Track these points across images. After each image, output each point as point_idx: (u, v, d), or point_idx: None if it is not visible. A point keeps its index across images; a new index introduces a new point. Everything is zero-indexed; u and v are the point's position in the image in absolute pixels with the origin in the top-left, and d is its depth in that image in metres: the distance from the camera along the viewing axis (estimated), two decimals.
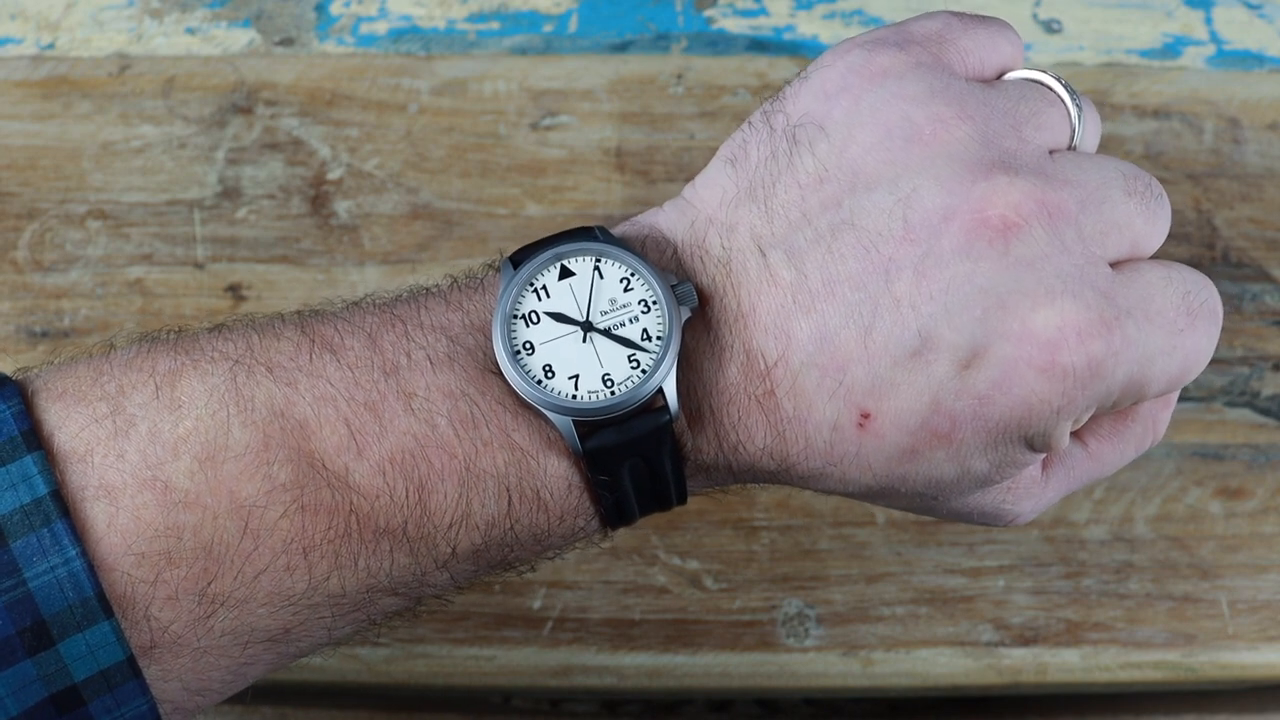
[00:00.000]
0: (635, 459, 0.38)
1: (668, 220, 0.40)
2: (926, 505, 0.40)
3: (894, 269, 0.37)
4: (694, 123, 0.60)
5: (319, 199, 0.59)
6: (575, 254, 0.39)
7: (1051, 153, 0.39)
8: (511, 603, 0.54)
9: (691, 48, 0.62)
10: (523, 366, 0.38)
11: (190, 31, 0.62)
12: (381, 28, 0.62)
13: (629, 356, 0.38)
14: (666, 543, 0.55)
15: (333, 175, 0.59)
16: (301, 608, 0.37)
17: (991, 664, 0.53)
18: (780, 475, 0.40)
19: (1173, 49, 0.62)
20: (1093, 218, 0.37)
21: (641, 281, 0.39)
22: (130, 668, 0.35)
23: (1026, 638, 0.54)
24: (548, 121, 0.60)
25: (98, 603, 0.35)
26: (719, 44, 0.62)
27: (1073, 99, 0.40)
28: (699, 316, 0.39)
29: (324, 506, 0.36)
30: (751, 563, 0.55)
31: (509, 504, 0.38)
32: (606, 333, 0.38)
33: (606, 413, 0.37)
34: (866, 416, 0.37)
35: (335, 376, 0.37)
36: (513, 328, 0.38)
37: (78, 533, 0.35)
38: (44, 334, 0.57)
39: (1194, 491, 0.55)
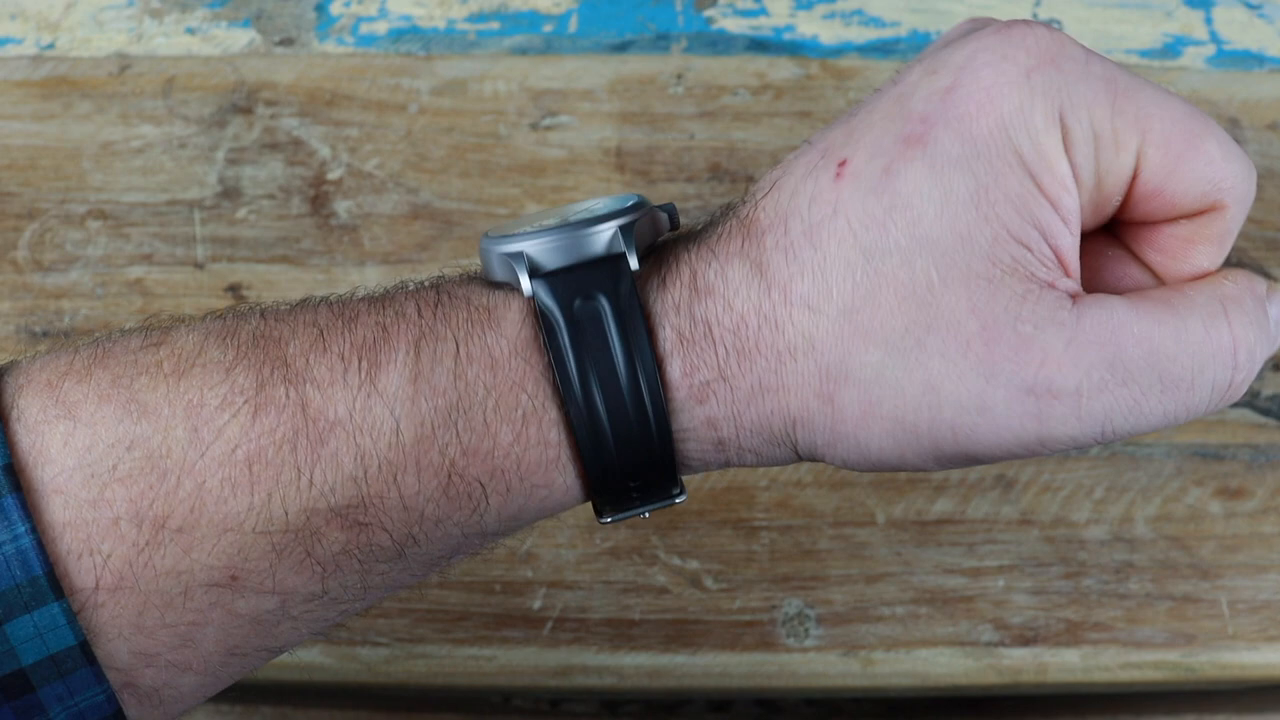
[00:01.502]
0: (588, 303, 0.36)
1: None
2: (923, 309, 0.35)
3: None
4: (694, 123, 0.60)
5: (319, 199, 0.59)
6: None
7: None
8: (511, 603, 0.54)
9: (691, 48, 0.62)
10: (491, 238, 0.38)
11: (190, 31, 0.62)
12: (381, 28, 0.62)
13: (592, 216, 0.38)
14: (666, 543, 0.55)
15: (333, 175, 0.59)
16: (244, 538, 0.35)
17: (991, 664, 0.53)
18: (761, 304, 0.36)
19: (1173, 49, 0.62)
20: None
21: (624, 199, 0.39)
22: (83, 654, 0.34)
23: (1026, 638, 0.54)
24: (548, 121, 0.60)
25: (46, 582, 0.34)
26: (719, 44, 0.62)
27: None
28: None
29: (275, 404, 0.35)
30: (751, 563, 0.55)
31: (455, 358, 0.36)
32: (580, 219, 0.38)
33: (556, 232, 0.36)
34: (843, 164, 0.36)
35: (321, 307, 0.37)
36: (499, 236, 0.38)
37: (28, 509, 0.34)
38: (44, 334, 0.57)
39: (1194, 491, 0.55)
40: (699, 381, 0.37)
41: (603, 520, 0.39)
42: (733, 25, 0.62)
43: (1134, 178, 0.37)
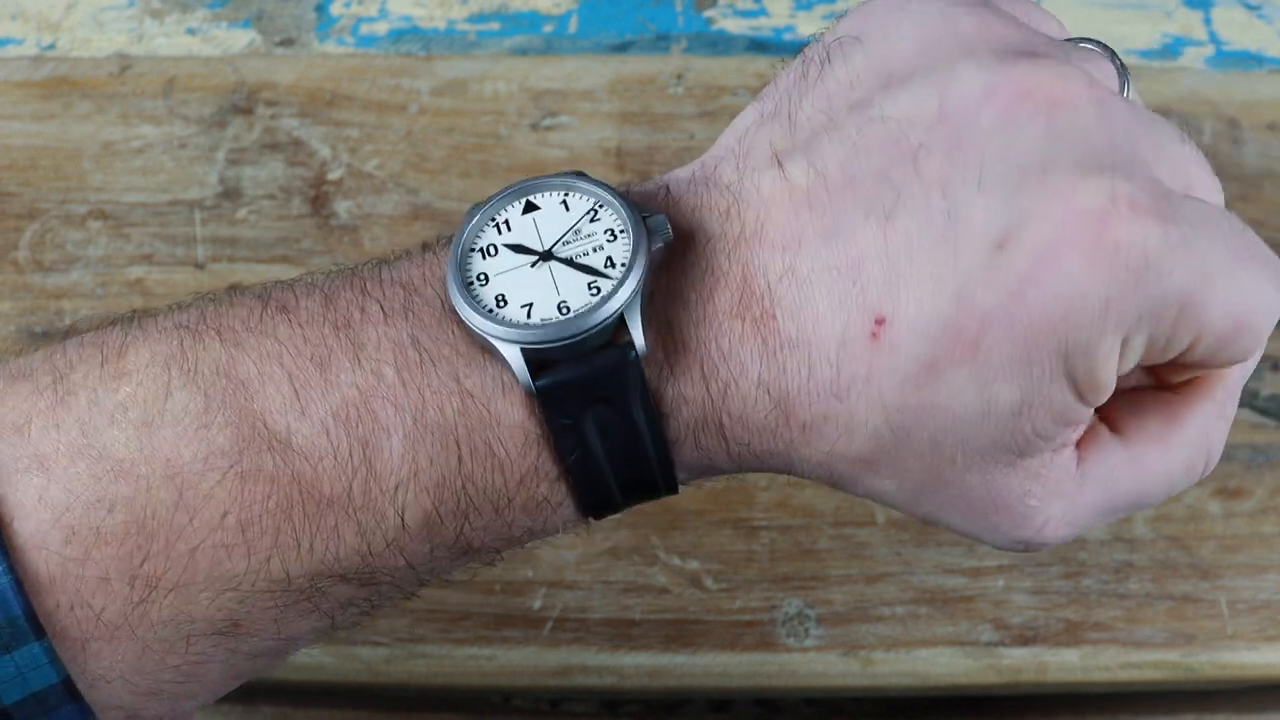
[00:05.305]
0: (600, 405, 0.34)
1: (674, 172, 0.38)
2: (939, 476, 0.35)
3: (924, 153, 0.33)
4: (694, 123, 0.60)
5: (319, 199, 0.59)
6: (542, 189, 0.37)
7: None
8: (511, 603, 0.54)
9: (691, 48, 0.62)
10: (474, 297, 0.35)
11: (191, 32, 0.62)
12: (382, 28, 0.62)
13: (589, 284, 0.35)
14: (666, 543, 0.55)
15: (333, 175, 0.59)
16: (245, 594, 0.34)
17: (991, 664, 0.53)
18: (779, 431, 0.35)
19: (1172, 49, 0.62)
20: (1145, 136, 0.33)
21: (609, 211, 0.36)
22: (66, 690, 0.33)
23: (1026, 638, 0.54)
24: (548, 122, 0.60)
25: (26, 622, 0.33)
26: (719, 44, 0.62)
27: (1116, 63, 0.37)
28: (693, 250, 0.35)
29: (264, 474, 0.34)
30: (751, 563, 0.55)
31: (459, 459, 0.35)
32: (567, 261, 0.35)
33: (558, 340, 0.34)
34: (880, 323, 0.33)
35: (284, 334, 0.35)
36: (469, 260, 0.36)
37: (6, 547, 0.33)
38: (44, 334, 0.57)
39: (1193, 491, 0.55)
40: (704, 455, 0.37)
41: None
42: (733, 25, 0.62)
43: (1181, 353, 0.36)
